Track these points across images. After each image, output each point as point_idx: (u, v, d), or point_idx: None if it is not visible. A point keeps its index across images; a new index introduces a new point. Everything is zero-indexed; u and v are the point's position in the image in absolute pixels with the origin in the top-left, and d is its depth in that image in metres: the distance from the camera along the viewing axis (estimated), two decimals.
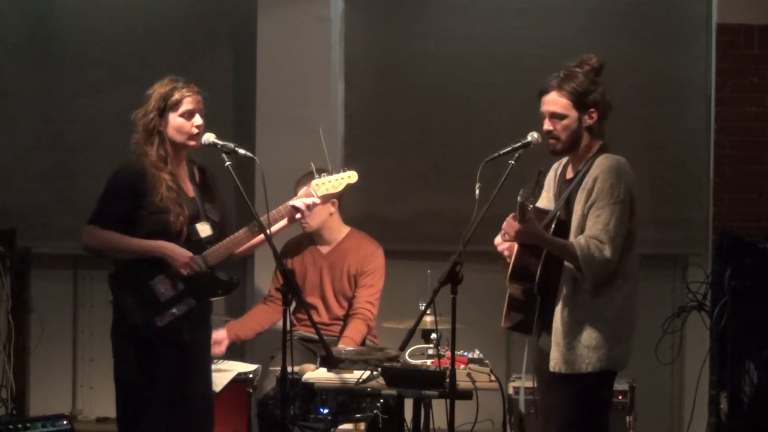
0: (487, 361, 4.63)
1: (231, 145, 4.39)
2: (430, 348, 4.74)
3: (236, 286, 4.52)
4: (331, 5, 6.26)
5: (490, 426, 5.70)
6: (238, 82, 6.45)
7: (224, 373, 5.18)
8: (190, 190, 4.49)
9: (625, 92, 5.99)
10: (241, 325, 5.54)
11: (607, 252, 3.94)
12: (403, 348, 4.42)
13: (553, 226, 4.07)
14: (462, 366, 4.51)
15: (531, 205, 4.00)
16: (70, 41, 6.51)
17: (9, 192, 6.50)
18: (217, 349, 5.34)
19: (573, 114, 4.08)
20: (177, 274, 4.35)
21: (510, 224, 4.01)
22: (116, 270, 4.40)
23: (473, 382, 4.47)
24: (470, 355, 4.63)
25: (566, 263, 4.03)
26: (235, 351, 5.84)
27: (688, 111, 6.24)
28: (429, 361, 4.64)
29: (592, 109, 4.08)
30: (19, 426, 5.23)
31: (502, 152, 4.16)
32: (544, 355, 4.14)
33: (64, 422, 5.32)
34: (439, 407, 4.38)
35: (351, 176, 4.67)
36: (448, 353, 4.18)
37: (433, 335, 4.64)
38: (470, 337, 5.00)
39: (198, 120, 4.42)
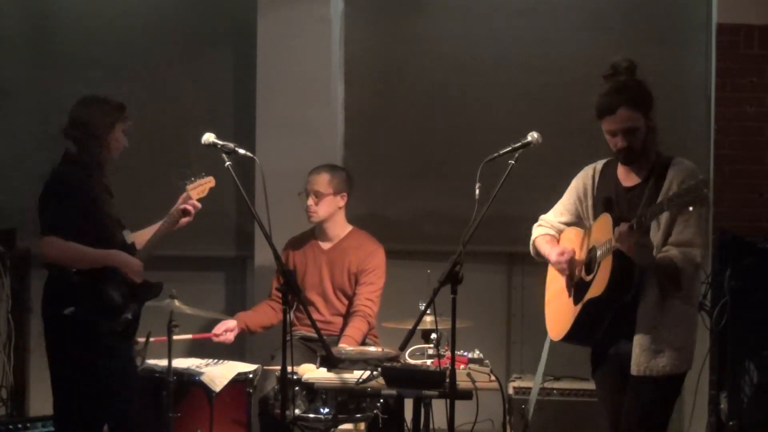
0: (487, 361, 4.63)
1: (231, 145, 4.40)
2: (430, 348, 4.74)
3: (162, 289, 4.70)
4: (331, 5, 6.26)
5: (490, 426, 5.70)
6: (238, 82, 6.45)
7: (224, 373, 5.18)
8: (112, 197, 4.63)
9: None
10: (250, 316, 5.57)
11: (698, 257, 3.99)
12: (403, 348, 4.42)
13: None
14: (462, 366, 4.51)
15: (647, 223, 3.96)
16: (70, 41, 6.51)
17: (9, 192, 6.50)
18: (231, 336, 5.44)
19: (643, 123, 4.07)
20: (123, 281, 4.47)
21: (630, 234, 3.90)
22: (80, 280, 4.43)
23: (473, 382, 4.47)
24: (470, 355, 4.62)
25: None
26: (235, 351, 5.84)
27: (688, 111, 6.24)
28: (429, 361, 4.63)
29: (652, 109, 4.08)
30: (19, 426, 5.24)
31: (502, 152, 4.16)
32: (621, 360, 4.11)
33: None
34: (439, 407, 4.38)
35: (210, 181, 4.85)
36: (448, 353, 4.18)
37: (433, 335, 4.64)
38: (470, 337, 5.00)
39: (126, 141, 4.57)
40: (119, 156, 4.61)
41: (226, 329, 5.43)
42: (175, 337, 5.02)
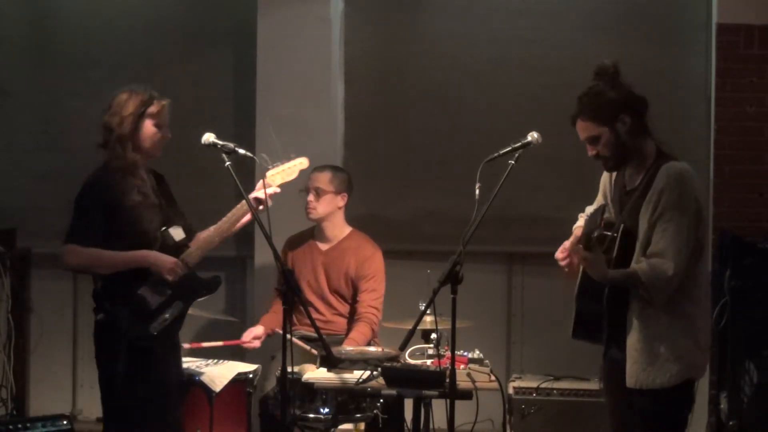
0: (487, 361, 4.63)
1: (231, 145, 4.39)
2: (430, 348, 4.74)
3: (219, 284, 4.58)
4: (331, 5, 6.26)
5: (490, 426, 5.70)
6: (238, 82, 6.46)
7: (224, 373, 5.18)
8: (152, 196, 4.51)
9: None
10: (273, 319, 5.52)
11: (670, 270, 3.84)
12: (403, 348, 4.42)
13: (618, 237, 3.96)
14: (462, 366, 4.51)
15: (597, 234, 3.92)
16: (70, 41, 6.52)
17: (9, 192, 6.51)
18: (258, 343, 5.43)
19: (604, 129, 4.00)
20: (161, 280, 4.39)
21: (575, 248, 3.92)
22: (103, 285, 4.40)
23: (473, 382, 4.47)
24: (470, 355, 4.62)
25: None
26: (235, 351, 5.84)
27: (688, 111, 6.24)
28: (429, 361, 4.63)
29: (621, 115, 3.99)
30: (19, 426, 5.23)
31: (502, 152, 4.15)
32: (616, 366, 4.06)
33: (64, 422, 5.32)
34: (439, 407, 4.37)
35: (302, 162, 4.66)
36: (448, 353, 4.18)
37: (433, 335, 4.64)
38: (470, 337, 5.00)
39: (168, 132, 4.46)
40: (159, 151, 4.48)
41: (254, 336, 5.42)
42: (204, 344, 5.12)
